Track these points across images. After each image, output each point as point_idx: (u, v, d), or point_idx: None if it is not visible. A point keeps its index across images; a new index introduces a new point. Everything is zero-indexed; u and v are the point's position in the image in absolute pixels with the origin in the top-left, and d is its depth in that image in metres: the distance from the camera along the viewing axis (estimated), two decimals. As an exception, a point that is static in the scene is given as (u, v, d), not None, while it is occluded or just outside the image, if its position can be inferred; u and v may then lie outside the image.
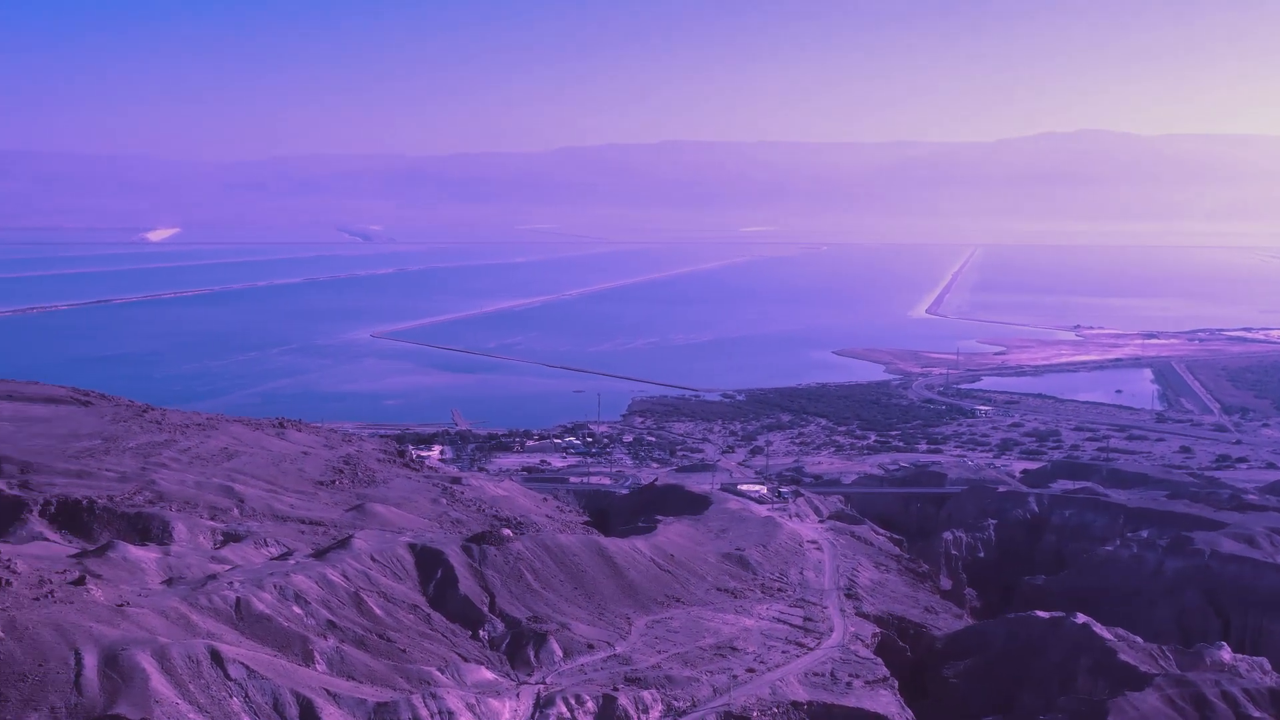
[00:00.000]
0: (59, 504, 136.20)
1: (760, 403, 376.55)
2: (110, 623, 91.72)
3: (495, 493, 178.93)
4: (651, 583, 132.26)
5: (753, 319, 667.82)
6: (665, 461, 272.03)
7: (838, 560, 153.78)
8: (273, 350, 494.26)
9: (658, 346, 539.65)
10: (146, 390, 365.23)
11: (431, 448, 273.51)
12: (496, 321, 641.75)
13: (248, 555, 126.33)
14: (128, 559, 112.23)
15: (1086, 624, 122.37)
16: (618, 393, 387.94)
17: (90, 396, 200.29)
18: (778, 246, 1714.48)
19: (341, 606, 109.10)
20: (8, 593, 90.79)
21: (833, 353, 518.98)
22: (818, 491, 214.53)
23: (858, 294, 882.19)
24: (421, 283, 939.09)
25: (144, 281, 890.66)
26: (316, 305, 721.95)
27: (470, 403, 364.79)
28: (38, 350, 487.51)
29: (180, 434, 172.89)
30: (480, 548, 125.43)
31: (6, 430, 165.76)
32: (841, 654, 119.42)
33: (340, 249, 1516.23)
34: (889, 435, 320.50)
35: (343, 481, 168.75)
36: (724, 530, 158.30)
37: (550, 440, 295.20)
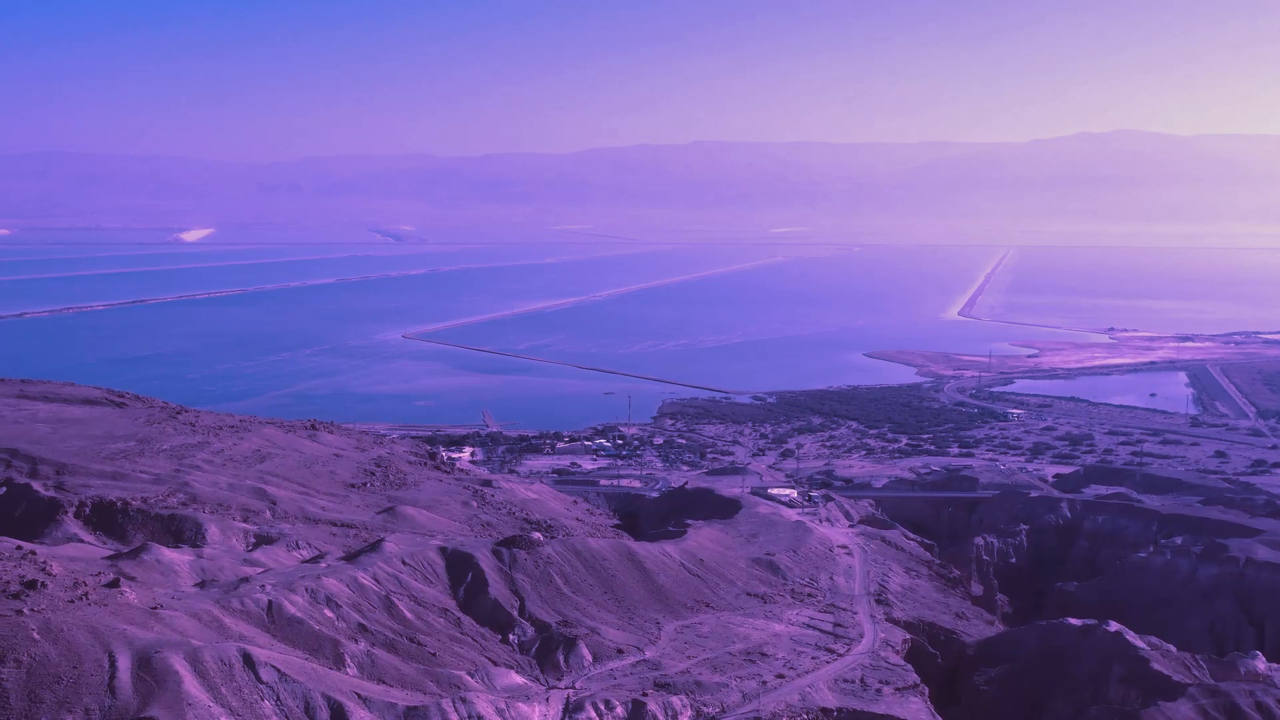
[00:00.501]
0: (94, 505, 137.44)
1: (791, 405, 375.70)
2: (144, 625, 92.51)
3: (526, 496, 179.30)
4: (681, 587, 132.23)
5: (784, 321, 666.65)
6: (695, 464, 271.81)
7: (868, 565, 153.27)
8: (305, 351, 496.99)
9: (688, 348, 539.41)
10: (180, 391, 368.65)
11: (462, 449, 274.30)
12: (527, 322, 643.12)
13: (279, 558, 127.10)
14: (161, 561, 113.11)
15: (1119, 632, 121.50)
16: (648, 395, 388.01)
17: (125, 398, 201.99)
18: (809, 247, 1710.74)
19: (372, 610, 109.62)
20: (43, 595, 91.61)
21: (864, 355, 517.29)
22: (848, 495, 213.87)
23: (889, 296, 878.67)
24: (453, 283, 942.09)
25: (178, 282, 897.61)
26: (349, 306, 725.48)
27: (501, 404, 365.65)
28: (74, 350, 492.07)
29: (213, 436, 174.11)
30: (510, 551, 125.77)
31: (43, 432, 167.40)
32: (872, 660, 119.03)
33: (372, 249, 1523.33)
34: (920, 439, 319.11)
35: (374, 484, 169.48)
36: (754, 535, 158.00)
37: (581, 442, 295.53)
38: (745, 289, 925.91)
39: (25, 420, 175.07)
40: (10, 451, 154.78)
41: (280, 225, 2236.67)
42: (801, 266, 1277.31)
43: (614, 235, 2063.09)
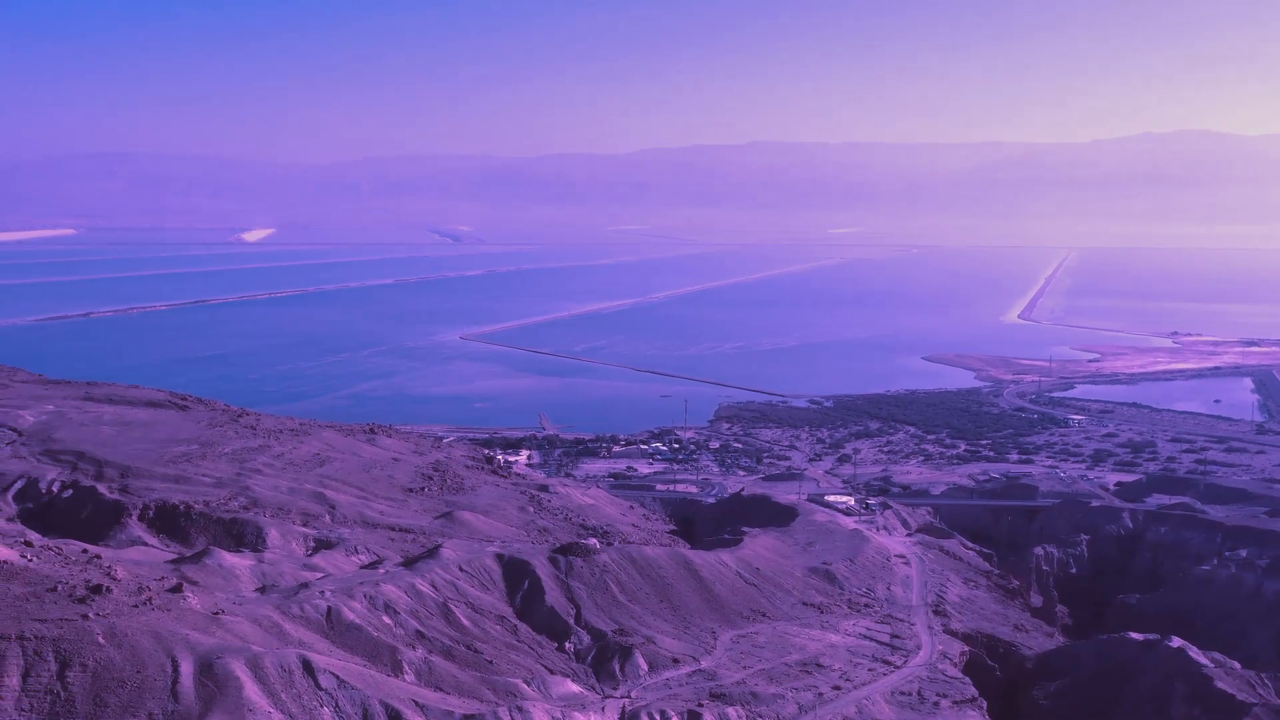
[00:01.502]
0: (157, 509, 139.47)
1: (848, 409, 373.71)
2: (206, 631, 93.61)
3: (582, 501, 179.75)
4: (737, 596, 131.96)
5: (840, 323, 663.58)
6: (752, 469, 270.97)
7: (926, 576, 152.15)
8: (364, 352, 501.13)
9: (745, 350, 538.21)
10: (241, 391, 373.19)
11: (519, 452, 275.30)
12: (584, 324, 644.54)
13: (339, 563, 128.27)
14: (222, 566, 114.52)
15: (1182, 648, 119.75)
16: (704, 398, 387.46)
17: (187, 400, 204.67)
18: (866, 249, 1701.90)
19: (430, 617, 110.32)
20: (108, 599, 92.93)
21: (922, 358, 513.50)
22: (906, 503, 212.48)
23: (947, 298, 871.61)
24: (510, 284, 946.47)
25: (240, 282, 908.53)
26: (407, 306, 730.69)
27: (557, 406, 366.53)
28: (138, 350, 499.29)
29: (274, 439, 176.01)
30: (567, 559, 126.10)
31: (108, 434, 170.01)
32: (929, 673, 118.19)
33: (430, 250, 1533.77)
34: (979, 444, 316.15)
35: (432, 488, 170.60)
36: (811, 543, 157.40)
37: (637, 446, 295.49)
38: (802, 291, 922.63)
39: (91, 423, 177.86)
40: (77, 454, 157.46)
41: (339, 225, 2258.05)
42: (858, 268, 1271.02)
43: (670, 236, 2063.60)
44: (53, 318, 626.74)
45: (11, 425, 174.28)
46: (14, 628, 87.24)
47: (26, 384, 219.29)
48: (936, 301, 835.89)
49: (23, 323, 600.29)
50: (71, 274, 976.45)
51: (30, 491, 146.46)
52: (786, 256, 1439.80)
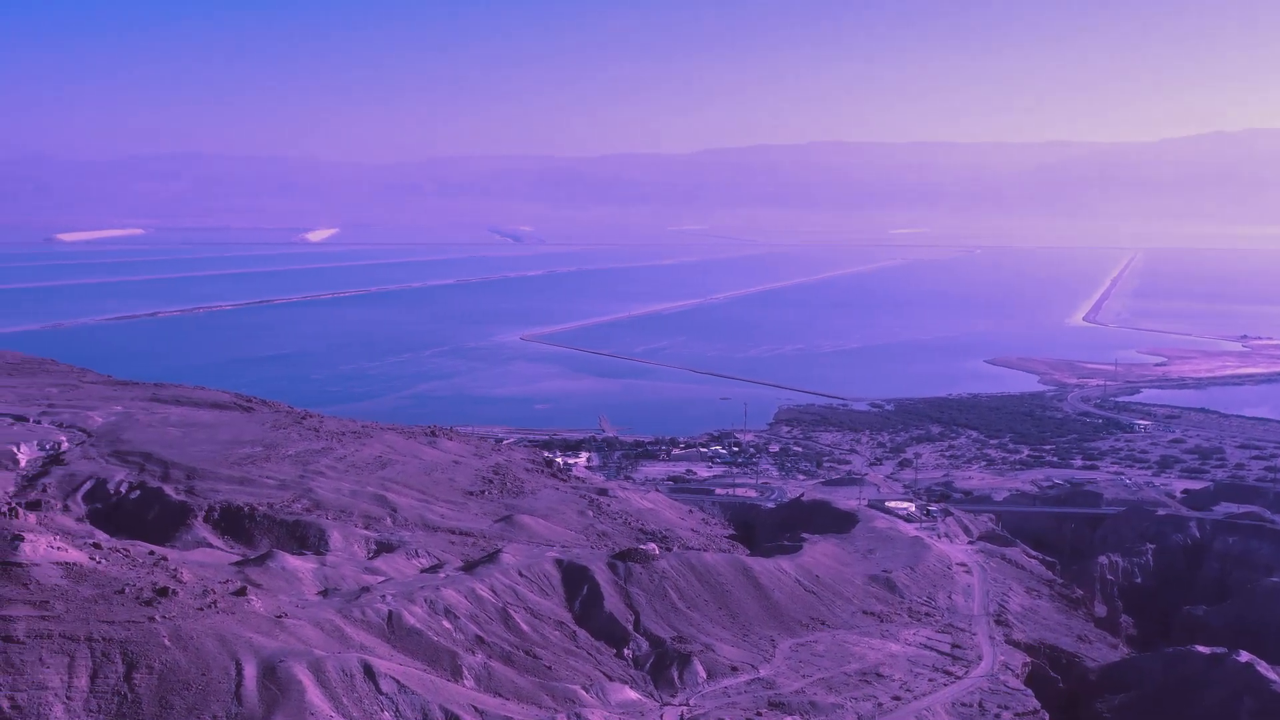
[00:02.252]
0: (222, 510, 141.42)
1: (909, 413, 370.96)
2: (269, 634, 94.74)
3: (641, 505, 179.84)
4: (796, 604, 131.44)
5: (902, 325, 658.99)
6: (812, 473, 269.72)
7: (987, 584, 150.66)
8: (425, 352, 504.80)
9: (805, 353, 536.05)
10: (305, 391, 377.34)
11: (579, 454, 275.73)
12: (644, 325, 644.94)
13: (399, 566, 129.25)
14: (285, 569, 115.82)
15: (1250, 663, 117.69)
16: (764, 400, 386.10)
17: (252, 402, 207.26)
18: (929, 249, 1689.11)
19: (489, 622, 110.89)
20: (174, 602, 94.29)
21: (985, 361, 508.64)
22: (967, 509, 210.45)
23: (1011, 300, 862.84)
24: (570, 285, 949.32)
25: (303, 282, 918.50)
26: (467, 307, 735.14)
27: (617, 408, 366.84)
28: (204, 349, 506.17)
29: (336, 441, 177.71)
30: (626, 565, 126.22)
31: (174, 436, 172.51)
32: (990, 684, 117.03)
33: (491, 250, 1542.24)
34: (1042, 450, 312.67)
35: (492, 491, 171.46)
36: (871, 550, 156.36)
37: (696, 449, 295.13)
38: (863, 292, 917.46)
39: (158, 424, 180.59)
40: (144, 455, 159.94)
41: (401, 226, 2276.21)
42: (921, 269, 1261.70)
43: (731, 236, 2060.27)
44: (121, 317, 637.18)
45: (81, 426, 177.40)
46: (83, 629, 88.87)
47: (95, 385, 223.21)
48: (1000, 303, 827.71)
49: (92, 322, 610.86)
50: (139, 274, 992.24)
51: (99, 492, 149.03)
52: (848, 257, 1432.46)
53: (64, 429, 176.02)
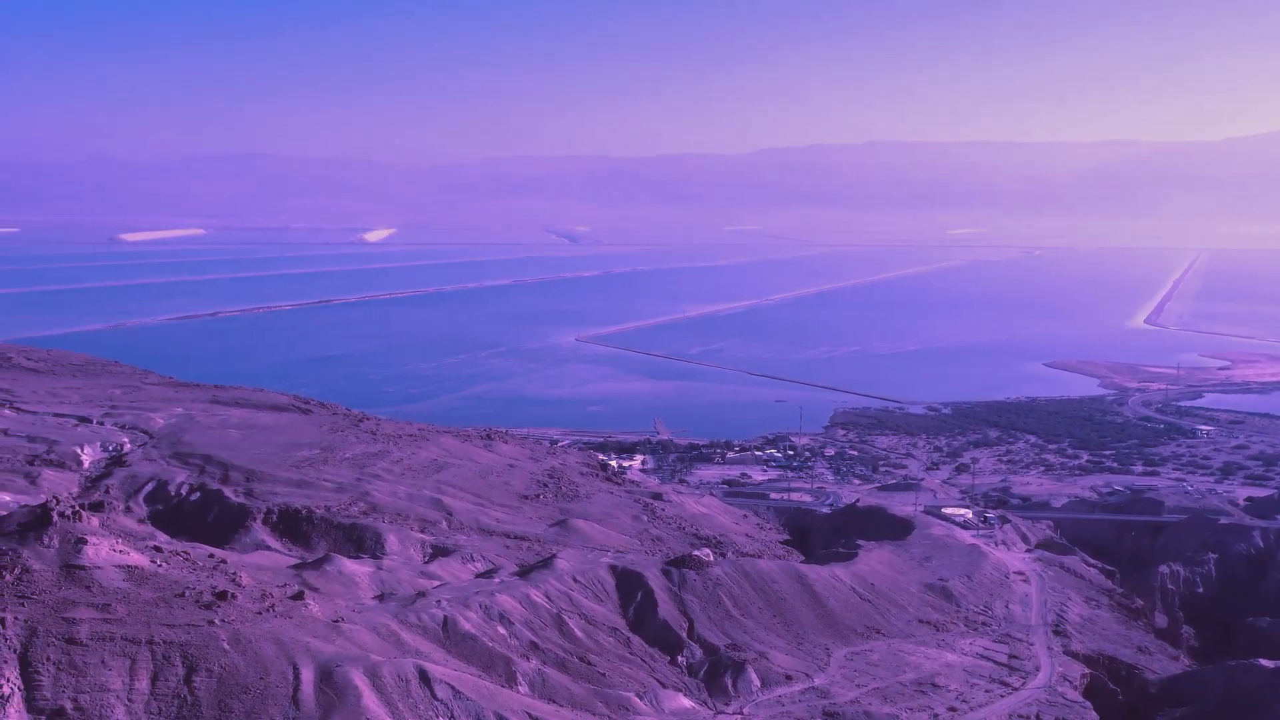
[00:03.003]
0: (280, 513, 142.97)
1: (966, 417, 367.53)
2: (326, 638, 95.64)
3: (695, 510, 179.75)
4: (851, 612, 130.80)
5: (960, 327, 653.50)
6: (867, 478, 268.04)
7: (1045, 594, 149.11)
8: (481, 353, 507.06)
9: (861, 355, 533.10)
10: (363, 392, 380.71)
11: (633, 457, 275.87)
12: (700, 326, 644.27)
13: (455, 570, 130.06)
14: (343, 573, 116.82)
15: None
16: (820, 403, 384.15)
17: (310, 405, 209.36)
18: (987, 250, 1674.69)
19: (544, 628, 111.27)
20: (233, 606, 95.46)
21: (1044, 364, 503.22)
22: (1025, 516, 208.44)
23: (1071, 302, 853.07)
24: (626, 286, 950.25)
25: (361, 282, 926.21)
26: (523, 307, 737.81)
27: (672, 411, 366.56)
28: (264, 350, 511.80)
29: (393, 444, 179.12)
30: (680, 571, 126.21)
31: (234, 438, 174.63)
32: (1048, 695, 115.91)
33: (547, 250, 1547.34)
34: (1102, 455, 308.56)
35: (547, 495, 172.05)
36: (927, 558, 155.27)
37: (751, 452, 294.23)
38: (921, 293, 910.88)
39: (218, 426, 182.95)
40: (204, 457, 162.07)
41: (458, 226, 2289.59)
42: (979, 270, 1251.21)
43: (787, 237, 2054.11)
44: (183, 317, 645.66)
45: (143, 428, 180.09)
46: (144, 632, 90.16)
47: (157, 386, 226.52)
48: (1059, 305, 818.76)
49: (154, 322, 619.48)
50: (200, 274, 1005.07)
51: (160, 494, 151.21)
52: (905, 258, 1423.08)
53: (126, 430, 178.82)
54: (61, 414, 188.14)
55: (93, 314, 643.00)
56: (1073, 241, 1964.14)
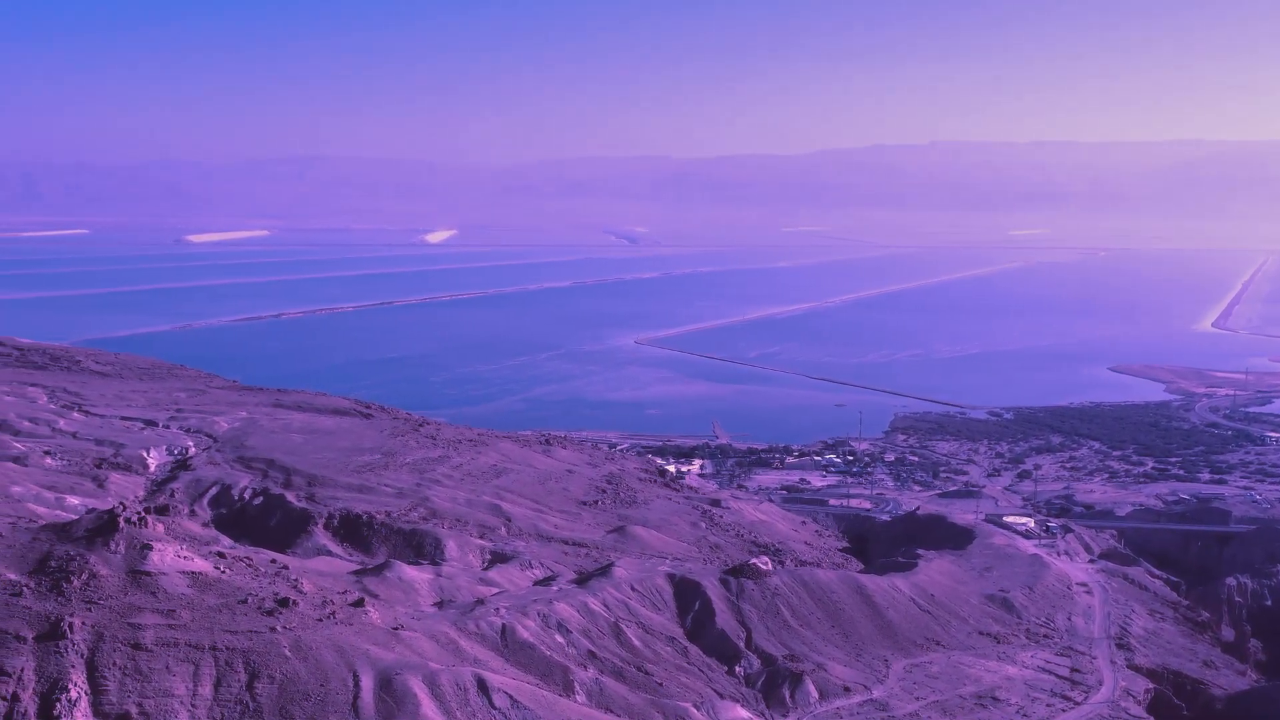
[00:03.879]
0: (341, 518, 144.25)
1: (1029, 422, 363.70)
2: (385, 645, 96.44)
3: (754, 517, 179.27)
4: (910, 624, 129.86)
5: (1022, 330, 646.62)
6: (928, 484, 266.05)
7: (1109, 606, 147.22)
8: (540, 355, 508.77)
9: (922, 358, 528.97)
10: (424, 394, 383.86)
11: (692, 462, 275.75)
12: (759, 329, 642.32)
13: (513, 577, 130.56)
14: (403, 579, 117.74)
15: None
16: (880, 407, 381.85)
17: (371, 409, 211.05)
18: (1051, 251, 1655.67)
19: (601, 636, 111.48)
20: (295, 613, 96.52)
21: (1108, 369, 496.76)
22: (1088, 525, 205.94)
23: (1136, 304, 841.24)
24: (685, 287, 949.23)
25: (422, 283, 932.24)
26: (583, 309, 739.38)
27: (731, 414, 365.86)
28: (327, 351, 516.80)
29: (453, 450, 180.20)
30: (738, 581, 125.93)
31: (296, 442, 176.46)
32: (1111, 710, 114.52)
33: (607, 251, 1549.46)
34: (1168, 462, 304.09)
35: (605, 501, 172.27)
36: (988, 568, 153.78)
37: (810, 457, 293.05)
38: (983, 295, 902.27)
39: (281, 430, 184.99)
40: (267, 461, 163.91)
41: (518, 227, 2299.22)
42: (1043, 272, 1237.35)
43: (847, 237, 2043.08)
44: (247, 318, 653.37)
45: (208, 431, 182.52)
46: (208, 638, 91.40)
47: (222, 390, 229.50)
48: (1124, 308, 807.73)
49: (219, 323, 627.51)
50: (264, 275, 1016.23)
51: (224, 498, 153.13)
52: (967, 259, 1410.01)
53: (191, 434, 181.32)
54: (128, 417, 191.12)
55: (160, 315, 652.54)
56: (1137, 243, 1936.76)
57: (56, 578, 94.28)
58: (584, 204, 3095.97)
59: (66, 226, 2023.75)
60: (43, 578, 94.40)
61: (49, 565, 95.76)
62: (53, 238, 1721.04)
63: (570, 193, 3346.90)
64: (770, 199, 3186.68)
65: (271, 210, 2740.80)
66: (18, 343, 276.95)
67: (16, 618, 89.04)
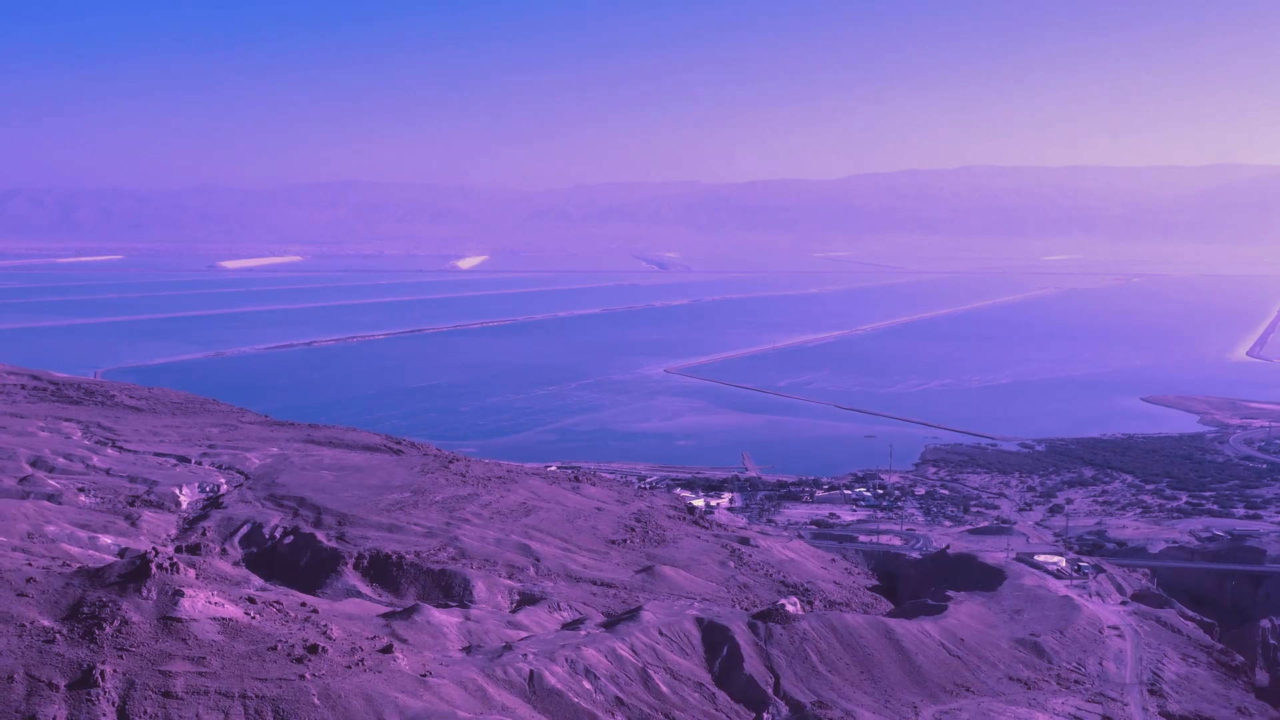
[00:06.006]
0: (371, 558, 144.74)
1: (1060, 454, 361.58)
2: (414, 693, 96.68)
3: (783, 555, 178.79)
4: (940, 669, 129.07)
5: (1054, 359, 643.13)
6: (958, 519, 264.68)
7: (1141, 650, 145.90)
8: (570, 384, 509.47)
9: (953, 388, 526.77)
10: (454, 424, 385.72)
11: (721, 495, 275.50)
12: (789, 357, 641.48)
13: (542, 620, 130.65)
14: (431, 623, 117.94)
15: None
16: (910, 438, 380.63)
17: (401, 445, 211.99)
18: (1084, 277, 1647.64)
19: (629, 683, 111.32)
20: (324, 660, 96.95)
21: (1140, 399, 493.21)
22: (1120, 563, 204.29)
23: (1170, 332, 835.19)
24: (715, 314, 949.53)
25: (453, 310, 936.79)
26: (612, 337, 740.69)
27: (760, 445, 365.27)
28: (357, 380, 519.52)
29: (483, 487, 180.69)
30: (766, 625, 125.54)
31: (327, 480, 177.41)
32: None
33: (637, 277, 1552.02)
34: (1202, 496, 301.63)
35: (634, 540, 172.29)
36: (1018, 611, 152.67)
37: (840, 490, 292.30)
38: (1014, 323, 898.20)
39: (312, 467, 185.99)
40: (298, 500, 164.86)
41: (549, 252, 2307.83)
42: (1075, 299, 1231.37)
43: (878, 263, 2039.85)
44: (279, 346, 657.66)
45: (239, 468, 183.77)
46: (237, 686, 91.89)
47: (253, 425, 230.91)
48: (1158, 336, 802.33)
49: (251, 351, 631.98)
50: (297, 301, 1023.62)
51: (255, 536, 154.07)
52: (998, 286, 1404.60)
53: (223, 470, 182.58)
54: (161, 453, 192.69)
55: (194, 342, 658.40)
56: (1172, 269, 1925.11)
57: (89, 624, 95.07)
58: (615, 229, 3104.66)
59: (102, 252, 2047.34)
60: (75, 624, 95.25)
61: (81, 611, 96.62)
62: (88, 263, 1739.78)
63: (601, 218, 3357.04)
64: (801, 224, 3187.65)
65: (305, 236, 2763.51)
66: (53, 377, 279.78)
67: (49, 665, 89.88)
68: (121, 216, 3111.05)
